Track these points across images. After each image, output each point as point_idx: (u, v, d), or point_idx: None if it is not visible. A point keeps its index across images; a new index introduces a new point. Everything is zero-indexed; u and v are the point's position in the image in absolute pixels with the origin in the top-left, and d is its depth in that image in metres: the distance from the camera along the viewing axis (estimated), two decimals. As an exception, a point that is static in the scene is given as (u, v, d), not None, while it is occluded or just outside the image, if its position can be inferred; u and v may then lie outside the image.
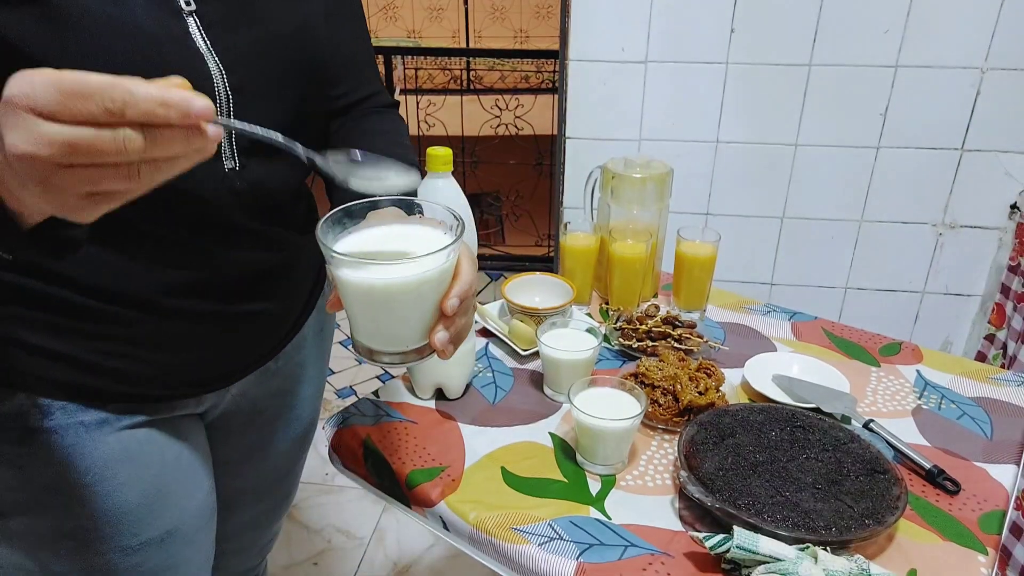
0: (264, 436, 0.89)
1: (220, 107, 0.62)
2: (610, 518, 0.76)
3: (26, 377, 0.64)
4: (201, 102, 0.41)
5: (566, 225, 1.19)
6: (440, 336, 0.60)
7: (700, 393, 0.88)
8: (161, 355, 0.69)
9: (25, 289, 0.62)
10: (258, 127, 0.50)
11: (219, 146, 0.63)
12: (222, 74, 0.62)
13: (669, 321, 1.07)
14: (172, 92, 0.41)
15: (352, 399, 2.08)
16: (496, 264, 2.80)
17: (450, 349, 0.62)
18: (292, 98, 0.70)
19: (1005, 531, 0.77)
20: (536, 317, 1.06)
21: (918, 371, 1.03)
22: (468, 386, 0.98)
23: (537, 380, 1.00)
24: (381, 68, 3.28)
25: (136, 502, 0.70)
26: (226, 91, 0.62)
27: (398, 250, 0.60)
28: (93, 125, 0.39)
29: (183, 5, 0.59)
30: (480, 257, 1.12)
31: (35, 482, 0.66)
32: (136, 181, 0.43)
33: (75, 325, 0.64)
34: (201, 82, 0.60)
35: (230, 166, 0.65)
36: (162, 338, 0.69)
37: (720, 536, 0.67)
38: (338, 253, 0.56)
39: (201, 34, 0.60)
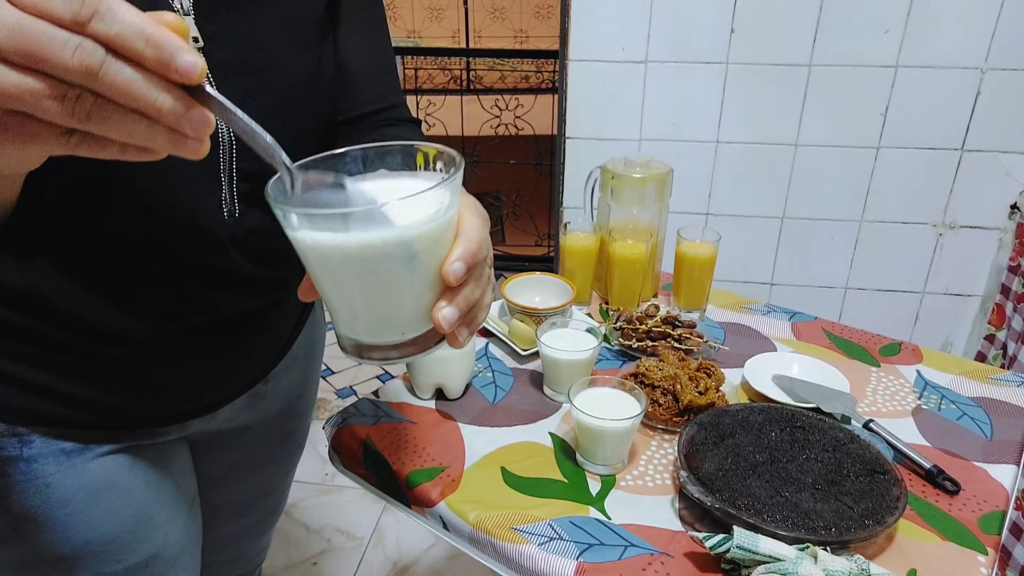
0: (249, 454, 0.87)
1: (223, 152, 0.58)
2: (610, 518, 0.76)
3: (4, 408, 0.62)
4: (190, 57, 0.33)
5: (566, 225, 1.19)
6: (445, 312, 0.46)
7: (700, 393, 0.88)
8: (147, 390, 0.68)
9: (8, 322, 0.60)
10: (247, 119, 0.41)
11: (219, 194, 0.60)
12: None
13: (669, 321, 1.06)
14: (161, 29, 0.33)
15: (352, 399, 2.08)
16: (496, 264, 2.80)
17: (463, 333, 0.49)
18: (302, 146, 0.64)
19: (1005, 531, 0.77)
20: (536, 317, 1.06)
21: (918, 371, 1.03)
22: (468, 386, 0.98)
23: (537, 380, 1.00)
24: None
25: (119, 530, 0.68)
26: (229, 136, 0.59)
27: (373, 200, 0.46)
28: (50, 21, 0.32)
29: (191, 43, 0.55)
30: (480, 257, 1.11)
31: (12, 512, 0.64)
32: (73, 119, 0.34)
33: (58, 360, 0.62)
34: None
35: (229, 211, 0.61)
36: (151, 375, 0.67)
37: (720, 536, 0.67)
38: (286, 206, 0.43)
39: (208, 76, 0.55)
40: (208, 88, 0.36)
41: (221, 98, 0.37)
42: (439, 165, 0.49)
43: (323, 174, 0.48)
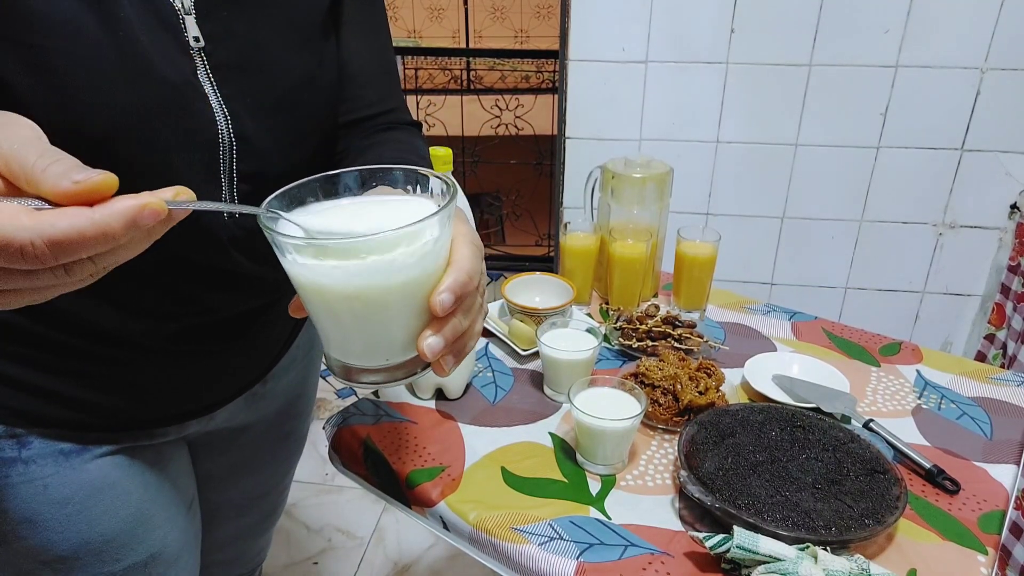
0: (248, 454, 0.87)
1: (224, 153, 0.59)
2: (610, 518, 0.76)
3: (3, 409, 0.62)
4: (148, 212, 0.35)
5: (566, 225, 1.19)
6: (430, 342, 0.46)
7: (700, 393, 0.88)
8: (146, 391, 0.68)
9: (6, 323, 0.60)
10: (224, 204, 0.43)
11: (220, 194, 0.60)
12: (227, 119, 0.58)
13: (669, 321, 1.07)
14: (111, 222, 0.34)
15: (352, 399, 2.08)
16: (496, 264, 2.80)
17: (448, 362, 0.49)
18: (302, 147, 0.66)
19: (1005, 531, 0.77)
20: (536, 317, 1.06)
21: (918, 371, 1.03)
22: (468, 386, 0.98)
23: (537, 380, 1.00)
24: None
25: (117, 530, 0.68)
26: (230, 137, 0.59)
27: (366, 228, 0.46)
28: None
29: (192, 42, 0.55)
30: (480, 257, 1.11)
31: (11, 513, 0.64)
32: (91, 281, 0.38)
33: (57, 361, 0.62)
34: (205, 127, 0.57)
35: (229, 212, 0.61)
36: (149, 376, 0.67)
37: (720, 536, 0.67)
38: (279, 233, 0.43)
39: (208, 75, 0.56)
40: (176, 205, 0.38)
41: (190, 206, 0.39)
42: (433, 190, 0.49)
43: (316, 196, 0.49)
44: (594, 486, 0.81)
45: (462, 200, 0.90)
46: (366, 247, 0.42)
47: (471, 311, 0.49)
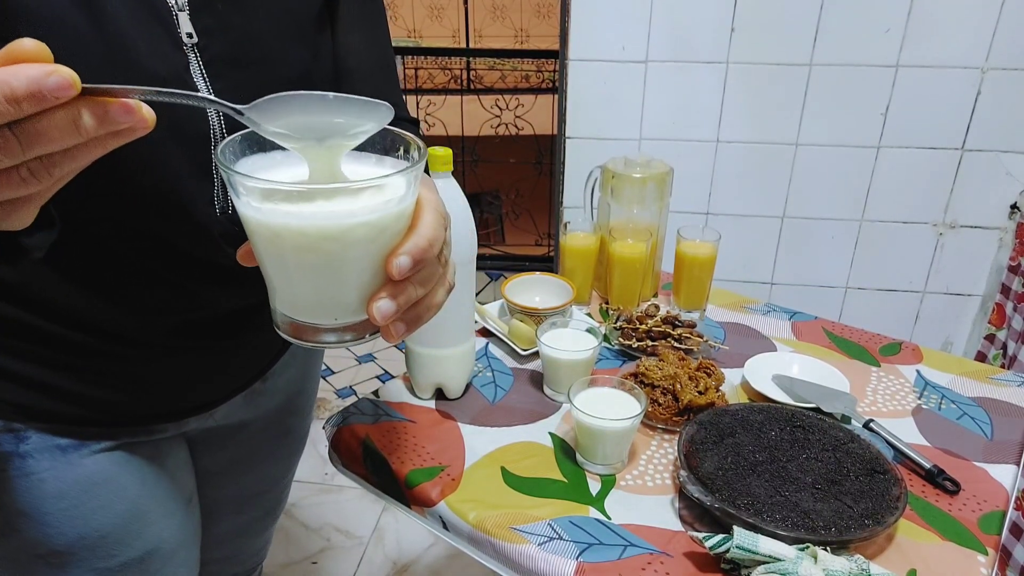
0: (248, 450, 0.87)
1: (215, 149, 0.57)
2: (610, 518, 0.76)
3: (1, 404, 0.62)
4: (56, 77, 0.31)
5: (566, 225, 1.19)
6: (381, 305, 0.45)
7: (700, 392, 0.88)
8: (144, 387, 0.68)
9: (4, 317, 0.60)
10: (173, 92, 0.39)
11: (212, 189, 0.60)
12: (219, 115, 0.57)
13: (669, 321, 1.06)
14: (11, 80, 0.31)
15: (352, 399, 2.09)
16: (496, 264, 2.81)
17: (398, 329, 0.47)
18: None
19: (1005, 531, 0.77)
20: (536, 317, 1.06)
21: (918, 371, 1.03)
22: (468, 386, 0.98)
23: (537, 380, 1.00)
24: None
25: (114, 524, 0.68)
26: (222, 133, 0.58)
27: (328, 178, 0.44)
28: None
29: (185, 38, 0.55)
30: (480, 257, 1.11)
31: (8, 507, 0.64)
32: (35, 183, 0.35)
33: (54, 356, 0.62)
34: (197, 123, 0.57)
35: (221, 207, 0.61)
36: (146, 371, 0.67)
37: (720, 536, 0.67)
38: (237, 172, 0.41)
39: (201, 70, 0.56)
40: (93, 89, 0.34)
41: (113, 87, 0.34)
42: (402, 151, 0.48)
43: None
44: (594, 486, 0.81)
45: (456, 190, 0.90)
46: (325, 195, 0.41)
47: (429, 280, 0.48)
